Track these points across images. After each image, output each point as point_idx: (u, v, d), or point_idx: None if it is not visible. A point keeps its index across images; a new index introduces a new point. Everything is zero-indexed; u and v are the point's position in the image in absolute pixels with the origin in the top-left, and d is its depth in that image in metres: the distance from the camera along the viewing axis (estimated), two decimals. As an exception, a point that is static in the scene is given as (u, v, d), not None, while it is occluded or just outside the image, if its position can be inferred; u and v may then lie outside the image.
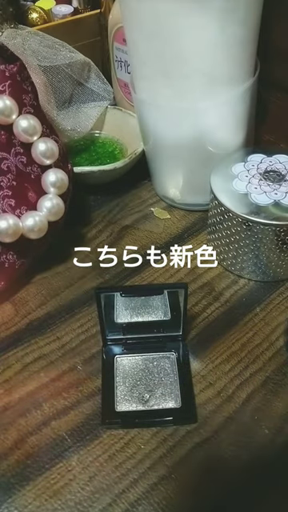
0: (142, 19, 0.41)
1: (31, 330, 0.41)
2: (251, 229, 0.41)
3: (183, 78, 0.42)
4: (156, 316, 0.39)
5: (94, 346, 0.40)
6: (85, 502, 0.31)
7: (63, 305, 0.43)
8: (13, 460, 0.33)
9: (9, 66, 0.40)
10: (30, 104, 0.42)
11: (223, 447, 0.33)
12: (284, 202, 0.41)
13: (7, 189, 0.41)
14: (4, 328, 0.41)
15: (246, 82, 0.45)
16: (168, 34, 0.40)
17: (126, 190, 0.55)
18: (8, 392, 0.37)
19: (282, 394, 0.36)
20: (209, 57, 0.41)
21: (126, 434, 0.34)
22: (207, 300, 0.43)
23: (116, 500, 0.31)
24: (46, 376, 0.38)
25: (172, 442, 0.34)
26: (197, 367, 0.38)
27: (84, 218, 0.52)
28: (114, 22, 0.54)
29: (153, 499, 0.31)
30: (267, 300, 0.43)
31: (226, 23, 0.39)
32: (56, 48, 0.51)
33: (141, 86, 0.47)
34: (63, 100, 0.54)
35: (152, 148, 0.51)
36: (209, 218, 0.46)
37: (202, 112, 0.44)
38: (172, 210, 0.53)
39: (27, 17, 0.60)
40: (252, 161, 0.45)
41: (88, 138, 0.58)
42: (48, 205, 0.42)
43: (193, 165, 0.49)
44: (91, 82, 0.56)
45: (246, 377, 0.37)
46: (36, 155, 0.42)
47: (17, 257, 0.42)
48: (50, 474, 0.32)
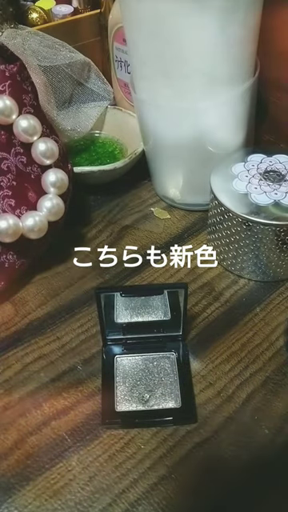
0: (141, 19, 0.41)
1: (31, 329, 0.41)
2: (251, 229, 0.41)
3: (183, 78, 0.42)
4: (156, 316, 0.39)
5: (94, 346, 0.40)
6: (85, 501, 0.31)
7: (63, 305, 0.43)
8: (13, 460, 0.33)
9: (9, 66, 0.40)
10: (30, 104, 0.42)
11: (223, 447, 0.33)
12: (284, 202, 0.41)
13: (7, 189, 0.41)
14: (4, 328, 0.41)
15: (246, 82, 0.45)
16: (168, 34, 0.40)
17: (125, 190, 0.55)
18: (8, 392, 0.37)
19: (282, 394, 0.36)
20: (209, 57, 0.41)
21: (125, 433, 0.34)
22: (207, 300, 0.43)
23: (116, 500, 0.31)
24: (45, 376, 0.38)
25: (172, 442, 0.34)
26: (197, 367, 0.38)
27: (84, 217, 0.52)
28: (114, 22, 0.54)
29: (153, 499, 0.31)
30: (267, 300, 0.43)
31: (226, 23, 0.39)
32: (56, 48, 0.51)
33: (141, 86, 0.47)
34: (63, 100, 0.54)
35: (152, 148, 0.51)
36: (209, 218, 0.46)
37: (202, 112, 0.44)
38: (172, 209, 0.53)
39: (27, 17, 0.60)
40: (252, 161, 0.45)
41: (88, 138, 0.58)
42: (48, 205, 0.42)
43: (193, 165, 0.49)
44: (91, 81, 0.56)
45: (246, 377, 0.37)
46: (36, 155, 0.42)
47: (17, 257, 0.42)
48: (50, 474, 0.32)
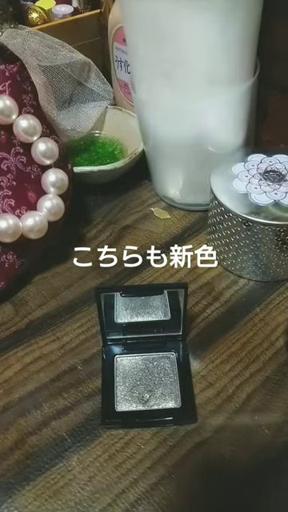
0: (141, 19, 0.41)
1: (31, 329, 0.41)
2: (251, 229, 0.41)
3: (183, 78, 0.42)
4: (156, 316, 0.39)
5: (94, 346, 0.40)
6: (85, 501, 0.31)
7: (63, 305, 0.43)
8: (13, 460, 0.33)
9: (9, 66, 0.40)
10: (30, 104, 0.42)
11: (223, 447, 0.33)
12: (284, 202, 0.41)
13: (7, 189, 0.41)
14: (4, 328, 0.41)
15: (245, 82, 0.45)
16: (168, 34, 0.40)
17: (125, 190, 0.55)
18: (8, 392, 0.37)
19: (282, 394, 0.36)
20: (209, 57, 0.41)
21: (125, 433, 0.34)
22: (207, 300, 0.43)
23: (116, 500, 0.31)
24: (45, 376, 0.38)
25: (172, 442, 0.34)
26: (197, 367, 0.38)
27: (84, 217, 0.52)
28: (114, 22, 0.54)
29: (153, 499, 0.31)
30: (267, 300, 0.43)
31: (226, 23, 0.39)
32: (56, 48, 0.51)
33: (141, 86, 0.47)
34: (63, 100, 0.54)
35: (152, 148, 0.51)
36: (209, 218, 0.46)
37: (202, 112, 0.44)
38: (172, 209, 0.53)
39: (27, 17, 0.60)
40: (252, 161, 0.45)
41: (88, 138, 0.58)
42: (48, 205, 0.42)
43: (193, 165, 0.49)
44: (91, 81, 0.56)
45: (246, 377, 0.37)
46: (36, 155, 0.42)
47: (17, 257, 0.42)
48: (49, 474, 0.32)
